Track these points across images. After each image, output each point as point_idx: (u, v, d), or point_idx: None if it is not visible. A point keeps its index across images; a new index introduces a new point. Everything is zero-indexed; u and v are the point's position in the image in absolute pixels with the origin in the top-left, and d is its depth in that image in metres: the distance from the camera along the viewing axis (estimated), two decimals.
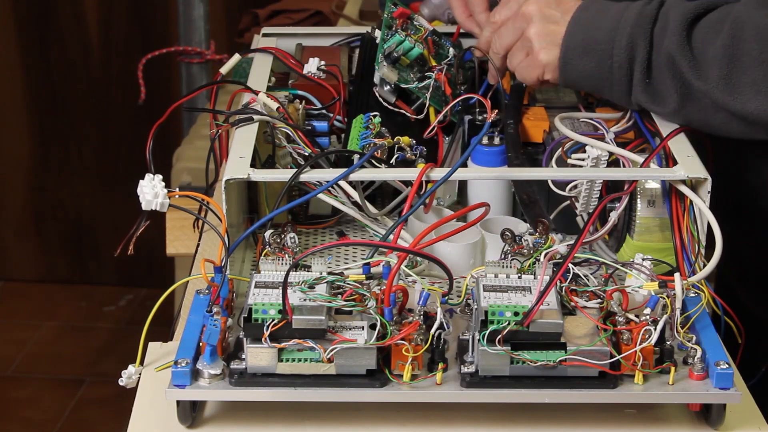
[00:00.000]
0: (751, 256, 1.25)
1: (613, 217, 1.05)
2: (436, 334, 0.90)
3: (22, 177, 2.95)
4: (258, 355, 0.89)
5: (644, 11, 1.05)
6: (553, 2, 1.12)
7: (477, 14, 1.29)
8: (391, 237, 1.01)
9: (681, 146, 1.06)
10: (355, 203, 1.08)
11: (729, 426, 0.92)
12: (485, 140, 1.17)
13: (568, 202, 1.12)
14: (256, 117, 1.08)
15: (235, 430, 0.92)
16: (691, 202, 1.02)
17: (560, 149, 1.10)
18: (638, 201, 1.06)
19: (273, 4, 2.08)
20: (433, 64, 1.21)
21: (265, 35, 1.40)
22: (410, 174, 1.02)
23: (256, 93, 1.12)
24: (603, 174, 1.06)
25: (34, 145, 2.92)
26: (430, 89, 1.18)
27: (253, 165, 1.02)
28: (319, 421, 0.93)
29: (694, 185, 1.02)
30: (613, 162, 1.08)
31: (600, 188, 1.08)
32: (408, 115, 1.19)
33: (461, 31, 1.33)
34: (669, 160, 1.06)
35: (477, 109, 1.22)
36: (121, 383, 0.97)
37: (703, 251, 1.01)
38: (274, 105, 1.10)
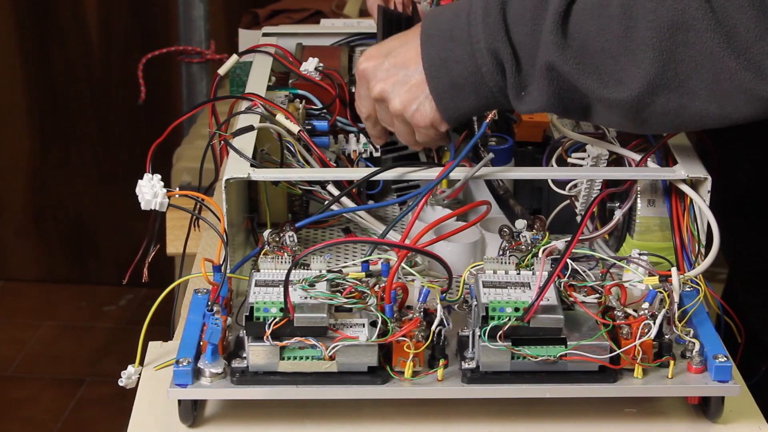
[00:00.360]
0: (753, 255, 1.26)
1: (618, 215, 1.06)
2: (436, 331, 0.90)
3: (22, 177, 2.95)
4: (260, 354, 0.89)
5: (489, 16, 0.95)
6: (391, 66, 1.02)
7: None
8: (393, 234, 1.02)
9: (681, 145, 1.06)
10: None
11: (728, 423, 0.93)
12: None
13: (567, 201, 1.12)
14: (256, 125, 1.08)
15: (236, 428, 0.92)
16: (691, 201, 1.02)
17: (560, 148, 1.10)
18: (638, 200, 1.06)
19: (273, 3, 2.08)
20: None
21: (265, 35, 1.41)
22: (418, 174, 1.03)
23: (254, 104, 1.12)
24: (603, 173, 1.06)
25: (34, 145, 2.92)
26: None
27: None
28: (321, 419, 0.93)
29: (694, 184, 1.02)
30: (614, 161, 1.08)
31: (600, 187, 1.08)
32: None
33: None
34: (669, 160, 1.06)
35: None
36: (120, 383, 0.97)
37: (703, 250, 1.02)
38: (295, 128, 1.10)
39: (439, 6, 1.04)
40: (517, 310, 0.89)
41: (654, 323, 0.90)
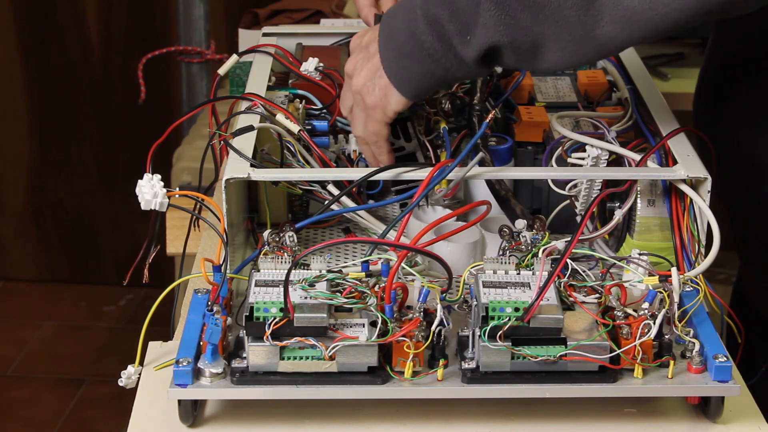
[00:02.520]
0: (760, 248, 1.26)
1: (618, 215, 1.06)
2: (436, 331, 0.91)
3: (22, 177, 2.95)
4: (259, 354, 0.89)
5: None
6: (361, 46, 1.08)
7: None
8: (393, 234, 1.02)
9: (681, 145, 1.06)
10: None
11: (728, 423, 0.93)
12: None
13: (567, 201, 1.12)
14: (256, 125, 1.08)
15: (236, 428, 0.92)
16: (691, 201, 1.02)
17: (560, 148, 1.10)
18: (638, 200, 1.06)
19: (273, 3, 2.08)
20: None
21: (265, 35, 1.41)
22: (415, 174, 1.03)
23: (254, 104, 1.13)
24: (603, 173, 1.06)
25: (34, 145, 2.92)
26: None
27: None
28: (321, 419, 0.93)
29: (694, 184, 1.02)
30: (614, 161, 1.08)
31: (600, 187, 1.08)
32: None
33: None
34: (669, 160, 1.06)
35: (477, 111, 1.22)
36: (120, 383, 0.97)
37: (703, 250, 1.02)
38: (296, 128, 1.10)
39: None
40: (517, 310, 0.89)
41: (654, 323, 0.90)
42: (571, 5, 0.92)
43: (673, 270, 0.93)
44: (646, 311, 0.91)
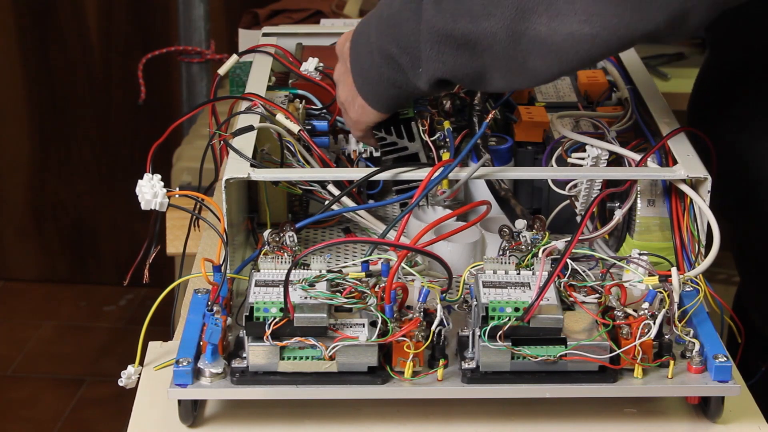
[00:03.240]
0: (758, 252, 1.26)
1: (618, 215, 1.06)
2: (436, 331, 0.91)
3: (22, 177, 2.95)
4: (260, 354, 0.89)
5: (379, 14, 1.04)
6: (341, 54, 1.12)
7: None
8: (393, 234, 1.01)
9: (681, 145, 1.06)
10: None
11: (728, 423, 0.93)
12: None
13: (567, 201, 1.12)
14: (256, 125, 1.08)
15: (236, 428, 0.92)
16: (691, 201, 1.02)
17: (560, 148, 1.10)
18: (638, 200, 1.06)
19: (273, 3, 2.08)
20: None
21: (265, 35, 1.41)
22: (416, 174, 1.03)
23: (254, 104, 1.13)
24: (603, 173, 1.06)
25: (34, 145, 2.92)
26: None
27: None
28: (321, 419, 0.93)
29: (694, 184, 1.02)
30: (614, 161, 1.08)
31: (600, 187, 1.08)
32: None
33: None
34: (669, 160, 1.06)
35: (477, 111, 1.22)
36: (120, 384, 0.97)
37: (703, 250, 1.02)
38: (296, 128, 1.10)
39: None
40: (517, 310, 0.89)
41: (654, 323, 0.90)
42: (500, 42, 0.95)
43: (673, 270, 0.93)
44: (646, 311, 0.91)
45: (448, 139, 1.13)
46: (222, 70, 1.28)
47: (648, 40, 0.93)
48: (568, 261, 0.94)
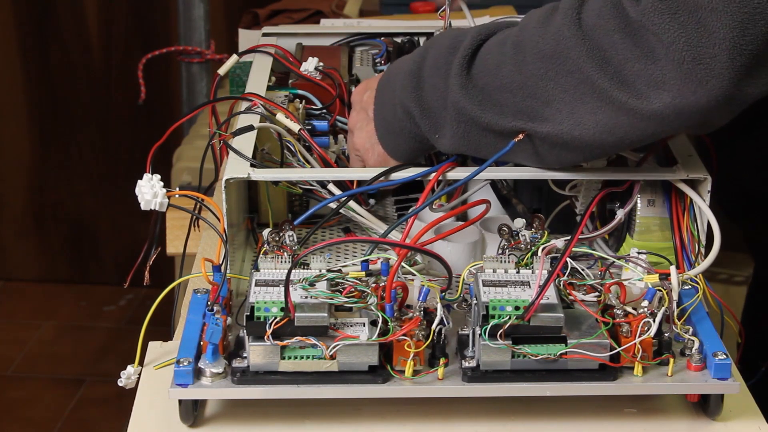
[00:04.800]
0: None
1: (620, 215, 1.06)
2: (437, 330, 0.91)
3: (22, 177, 2.95)
4: (260, 353, 0.89)
5: (406, 70, 1.03)
6: (361, 104, 1.12)
7: None
8: (393, 234, 1.02)
9: (681, 146, 1.07)
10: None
11: (728, 421, 0.93)
12: None
13: (567, 201, 1.12)
14: (256, 125, 1.08)
15: (236, 428, 0.92)
16: (691, 201, 1.03)
17: None
18: (638, 200, 1.06)
19: (273, 3, 2.08)
20: None
21: (265, 35, 1.41)
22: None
23: (254, 104, 1.13)
24: (603, 173, 1.06)
25: (34, 145, 2.92)
26: None
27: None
28: (321, 418, 0.93)
29: (694, 184, 1.02)
30: (614, 161, 1.08)
31: (600, 187, 1.08)
32: None
33: None
34: (669, 160, 1.06)
35: None
36: (120, 384, 0.97)
37: (703, 250, 1.02)
38: (296, 127, 1.10)
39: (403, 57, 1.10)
40: (517, 308, 0.89)
41: (653, 321, 0.90)
42: (525, 137, 0.96)
43: (672, 268, 0.93)
44: (646, 309, 0.91)
45: None
46: (222, 70, 1.28)
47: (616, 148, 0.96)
48: (568, 260, 0.94)
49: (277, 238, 1.00)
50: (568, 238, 0.96)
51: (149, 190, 0.96)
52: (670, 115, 0.87)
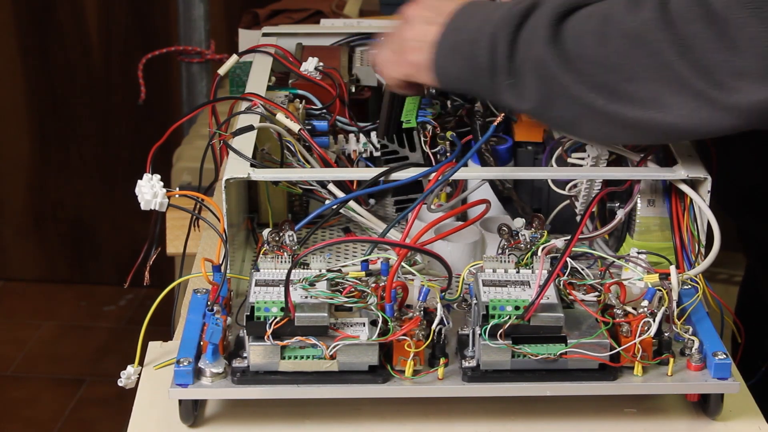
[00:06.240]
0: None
1: (620, 215, 1.06)
2: (437, 330, 0.91)
3: (22, 177, 2.95)
4: (260, 353, 0.89)
5: (512, 11, 1.01)
6: (435, 6, 1.08)
7: None
8: (393, 234, 1.01)
9: (681, 146, 1.07)
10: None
11: (728, 421, 0.93)
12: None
13: (567, 201, 1.12)
14: (256, 125, 1.08)
15: (237, 428, 0.92)
16: (691, 201, 1.03)
17: (560, 148, 1.10)
18: (638, 200, 1.07)
19: (273, 3, 2.08)
20: None
21: (265, 35, 1.41)
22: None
23: (254, 104, 1.13)
24: (603, 173, 1.06)
25: (34, 145, 2.92)
26: None
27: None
28: (321, 418, 0.93)
29: (694, 184, 1.02)
30: (614, 161, 1.08)
31: (600, 187, 1.08)
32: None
33: None
34: (669, 160, 1.06)
35: (479, 111, 1.22)
36: (120, 384, 0.97)
37: (703, 250, 1.02)
38: (296, 127, 1.10)
39: None
40: (517, 308, 0.89)
41: (653, 321, 0.90)
42: (600, 112, 0.96)
43: (672, 268, 0.93)
44: (646, 309, 0.91)
45: (449, 151, 1.12)
46: (222, 70, 1.28)
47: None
48: (568, 259, 0.94)
49: (277, 238, 1.00)
50: (568, 238, 0.96)
51: (149, 190, 0.96)
52: (749, 108, 0.89)
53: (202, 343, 0.91)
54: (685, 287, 0.97)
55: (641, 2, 0.92)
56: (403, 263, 0.92)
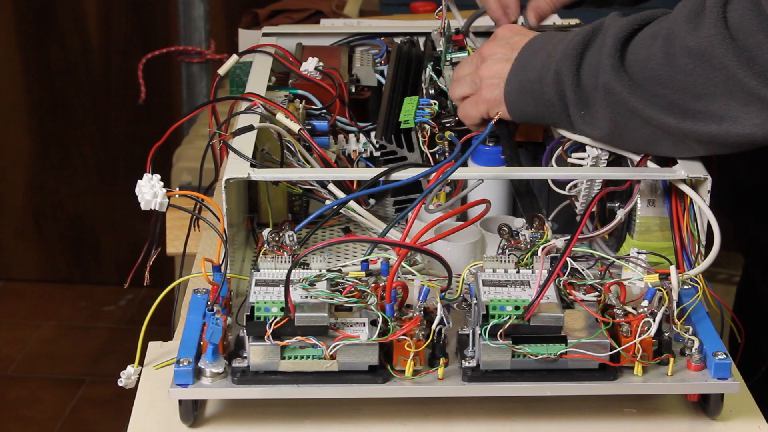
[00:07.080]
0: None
1: (620, 215, 1.06)
2: (437, 330, 0.91)
3: (22, 177, 2.96)
4: (260, 353, 0.89)
5: (572, 42, 1.03)
6: (509, 42, 1.11)
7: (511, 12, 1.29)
8: (393, 233, 1.01)
9: None
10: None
11: (728, 421, 0.93)
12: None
13: (567, 201, 1.12)
14: (256, 125, 1.08)
15: (237, 428, 0.92)
16: (691, 201, 1.03)
17: (560, 148, 1.10)
18: (638, 200, 1.07)
19: (273, 3, 2.09)
20: None
21: (265, 35, 1.41)
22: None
23: (254, 104, 1.13)
24: (603, 173, 1.06)
25: (34, 145, 2.92)
26: None
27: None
28: (321, 418, 0.93)
29: (694, 184, 1.03)
30: (614, 161, 1.08)
31: (600, 187, 1.08)
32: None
33: None
34: (669, 160, 1.06)
35: None
36: (120, 384, 0.97)
37: (703, 250, 1.02)
38: (296, 127, 1.10)
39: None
40: (517, 308, 0.89)
41: (653, 321, 0.90)
42: (673, 132, 0.98)
43: (672, 268, 0.93)
44: (646, 309, 0.91)
45: (447, 152, 1.12)
46: (222, 70, 1.28)
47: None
48: (568, 259, 0.94)
49: (277, 238, 1.00)
50: (568, 238, 0.96)
51: (149, 190, 0.96)
52: None
53: (202, 343, 0.91)
54: (685, 287, 0.97)
55: (700, 19, 0.94)
56: (403, 263, 0.92)
